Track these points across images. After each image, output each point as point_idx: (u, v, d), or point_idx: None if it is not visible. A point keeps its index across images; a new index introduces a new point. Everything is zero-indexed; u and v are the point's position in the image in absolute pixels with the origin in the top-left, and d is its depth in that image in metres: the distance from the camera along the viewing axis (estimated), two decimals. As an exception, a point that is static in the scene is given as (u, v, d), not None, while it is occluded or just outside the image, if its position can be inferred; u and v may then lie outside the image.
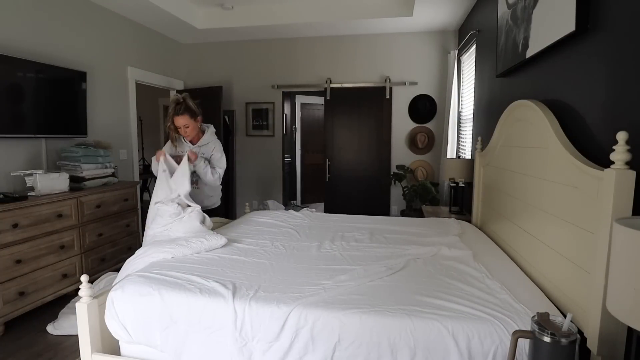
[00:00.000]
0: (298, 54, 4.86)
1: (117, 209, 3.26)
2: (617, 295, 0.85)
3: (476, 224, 2.77)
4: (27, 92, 2.78)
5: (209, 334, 1.42)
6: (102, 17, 3.63)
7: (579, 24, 1.47)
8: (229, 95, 5.03)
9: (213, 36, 4.77)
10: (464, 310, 1.32)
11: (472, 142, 3.51)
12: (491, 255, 1.97)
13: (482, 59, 3.23)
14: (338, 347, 1.30)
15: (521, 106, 1.95)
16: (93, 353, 1.54)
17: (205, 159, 2.50)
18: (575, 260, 1.35)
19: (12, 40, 2.76)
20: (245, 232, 2.39)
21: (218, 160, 2.58)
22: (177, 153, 2.53)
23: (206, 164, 2.49)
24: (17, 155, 2.81)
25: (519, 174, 1.96)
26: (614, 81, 1.30)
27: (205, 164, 2.48)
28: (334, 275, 1.66)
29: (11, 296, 2.36)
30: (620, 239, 0.85)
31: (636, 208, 1.10)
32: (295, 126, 6.55)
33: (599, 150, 1.37)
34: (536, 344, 1.02)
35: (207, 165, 2.50)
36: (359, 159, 4.84)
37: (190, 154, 2.35)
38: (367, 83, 4.70)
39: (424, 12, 3.80)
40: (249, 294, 1.47)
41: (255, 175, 5.14)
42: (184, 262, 1.80)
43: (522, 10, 2.07)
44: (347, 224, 2.63)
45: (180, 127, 2.47)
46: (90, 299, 1.54)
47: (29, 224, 2.46)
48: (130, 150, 4.06)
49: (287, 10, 4.22)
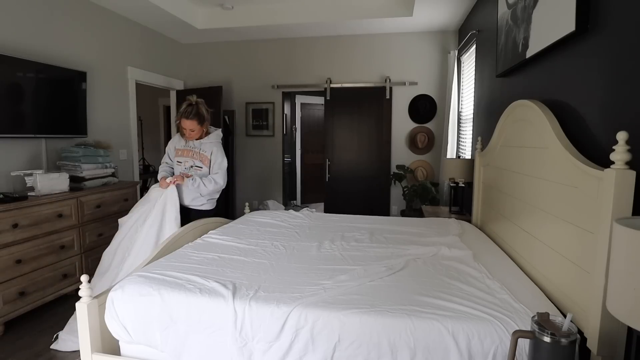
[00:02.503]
0: (298, 54, 4.86)
1: (117, 209, 3.26)
2: (617, 295, 0.85)
3: (476, 224, 2.77)
4: (27, 92, 2.78)
5: (209, 334, 1.42)
6: (102, 17, 3.63)
7: (579, 24, 1.47)
8: (229, 95, 5.03)
9: (213, 36, 4.77)
10: (464, 310, 1.32)
11: (472, 142, 3.51)
12: (491, 255, 1.97)
13: (482, 59, 3.23)
14: (338, 347, 1.30)
15: (521, 106, 1.95)
16: (93, 353, 1.54)
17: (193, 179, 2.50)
18: (575, 260, 1.35)
19: (12, 40, 2.76)
20: (245, 232, 2.39)
21: (219, 165, 2.58)
22: (186, 147, 2.62)
23: (194, 181, 2.50)
24: (17, 155, 2.81)
25: (518, 174, 1.96)
26: (614, 81, 1.30)
27: (193, 182, 2.49)
28: (334, 275, 1.66)
29: (11, 296, 2.36)
30: (620, 239, 0.85)
31: (636, 208, 1.10)
32: (295, 126, 6.55)
33: (599, 150, 1.37)
34: (536, 344, 1.02)
35: (196, 181, 2.51)
36: (359, 159, 4.84)
37: (178, 179, 2.45)
38: (367, 83, 4.70)
39: (424, 12, 3.80)
40: (249, 294, 1.47)
41: (255, 176, 5.14)
42: (184, 262, 1.80)
43: (522, 10, 2.07)
44: (347, 224, 2.63)
45: (186, 129, 2.52)
46: (90, 299, 1.54)
47: (29, 224, 2.46)
48: (130, 150, 4.05)
49: (287, 11, 4.22)
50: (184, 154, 2.61)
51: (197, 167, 2.57)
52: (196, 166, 2.57)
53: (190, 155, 2.59)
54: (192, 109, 2.47)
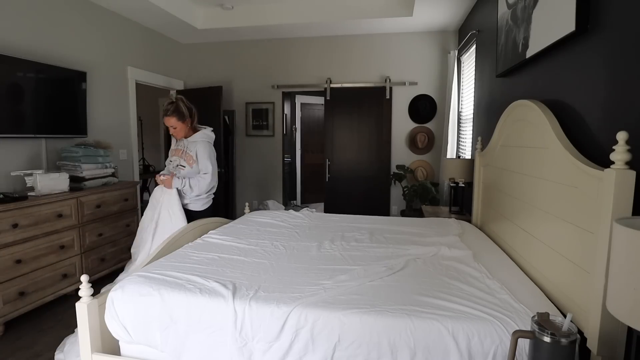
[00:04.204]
0: (298, 54, 4.86)
1: (117, 209, 3.26)
2: (617, 295, 0.85)
3: (476, 224, 2.77)
4: (27, 92, 2.78)
5: (209, 334, 1.42)
6: (102, 17, 3.63)
7: (579, 24, 1.47)
8: (229, 95, 5.03)
9: (213, 36, 4.76)
10: (464, 310, 1.32)
11: (472, 142, 3.51)
12: (491, 255, 1.97)
13: (482, 59, 3.23)
14: (338, 347, 1.30)
15: (521, 106, 1.95)
16: (93, 353, 1.53)
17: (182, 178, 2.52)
18: (575, 260, 1.35)
19: (12, 40, 2.76)
20: (245, 232, 2.39)
21: (204, 166, 2.53)
22: (177, 147, 2.66)
23: (182, 181, 2.51)
24: (17, 155, 2.81)
25: (518, 174, 1.96)
26: (614, 81, 1.30)
27: (181, 181, 2.51)
28: (334, 275, 1.66)
29: (11, 296, 2.36)
30: (620, 239, 0.85)
31: (636, 208, 1.10)
32: (295, 126, 6.54)
33: (599, 150, 1.37)
34: (536, 344, 1.02)
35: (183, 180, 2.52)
36: (359, 159, 4.84)
37: (166, 184, 2.49)
38: (367, 83, 4.70)
39: (424, 12, 3.80)
40: (249, 294, 1.47)
41: (255, 175, 5.14)
42: (184, 262, 1.80)
43: (522, 10, 2.07)
44: (347, 224, 2.63)
45: (169, 127, 2.55)
46: (90, 299, 1.54)
47: (29, 224, 2.46)
48: (130, 150, 4.05)
49: (287, 10, 4.22)
50: (175, 153, 2.65)
51: (181, 166, 2.58)
52: (180, 165, 2.58)
53: (179, 154, 2.61)
54: (171, 107, 2.49)
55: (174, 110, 2.49)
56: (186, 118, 2.54)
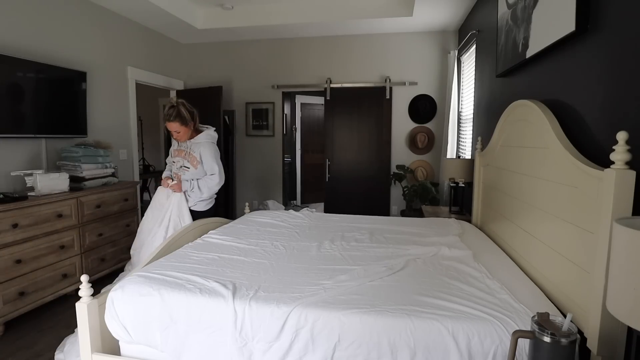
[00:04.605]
0: (298, 54, 4.86)
1: (117, 209, 3.26)
2: (617, 295, 0.85)
3: (476, 224, 2.77)
4: (27, 92, 2.78)
5: (209, 334, 1.42)
6: (102, 17, 3.63)
7: (579, 24, 1.47)
8: (229, 95, 5.03)
9: (213, 36, 4.76)
10: (464, 310, 1.32)
11: (472, 142, 3.51)
12: (491, 255, 1.97)
13: (482, 59, 3.23)
14: (338, 347, 1.30)
15: (521, 106, 1.95)
16: (93, 353, 1.54)
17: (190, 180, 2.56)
18: (575, 260, 1.35)
19: (12, 40, 2.76)
20: (245, 232, 2.39)
21: (210, 168, 2.56)
22: (180, 148, 2.64)
23: (191, 183, 2.56)
24: (17, 155, 2.81)
25: (518, 174, 1.96)
26: (614, 81, 1.30)
27: (190, 185, 2.55)
28: (334, 275, 1.66)
29: (11, 296, 2.36)
30: (620, 239, 0.85)
31: (636, 208, 1.10)
32: (295, 126, 6.54)
33: (599, 150, 1.37)
34: (536, 344, 1.02)
35: (191, 183, 2.56)
36: (359, 159, 4.84)
37: (176, 188, 2.53)
38: (367, 83, 4.70)
39: (424, 12, 3.80)
40: (249, 294, 1.47)
41: (255, 175, 5.14)
42: (184, 262, 1.80)
43: (522, 10, 2.07)
44: (347, 224, 2.63)
45: (172, 132, 2.54)
46: (90, 299, 1.54)
47: (29, 224, 2.46)
48: (130, 150, 4.05)
49: (287, 10, 4.22)
50: (178, 154, 2.64)
51: (185, 167, 2.58)
52: (184, 166, 2.58)
53: (182, 156, 2.61)
54: (173, 111, 2.47)
55: (176, 115, 2.47)
56: (189, 122, 2.53)
